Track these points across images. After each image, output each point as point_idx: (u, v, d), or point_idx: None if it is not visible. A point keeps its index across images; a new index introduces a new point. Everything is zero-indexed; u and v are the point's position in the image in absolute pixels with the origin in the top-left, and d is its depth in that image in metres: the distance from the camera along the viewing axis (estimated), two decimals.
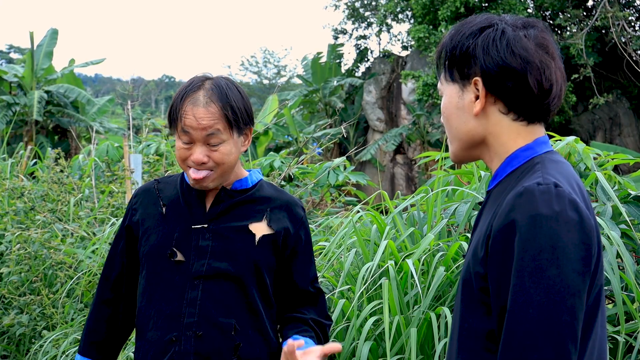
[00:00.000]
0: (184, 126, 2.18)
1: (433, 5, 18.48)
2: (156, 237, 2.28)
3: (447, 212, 3.84)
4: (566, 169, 1.57)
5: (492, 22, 1.63)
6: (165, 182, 2.41)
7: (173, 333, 2.19)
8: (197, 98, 2.19)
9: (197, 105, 2.17)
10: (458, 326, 1.60)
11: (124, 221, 2.41)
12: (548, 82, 1.59)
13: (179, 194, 2.34)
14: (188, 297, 2.21)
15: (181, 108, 2.19)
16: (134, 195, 2.42)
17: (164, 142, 7.55)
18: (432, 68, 17.99)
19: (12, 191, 5.86)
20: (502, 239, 1.47)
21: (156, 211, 2.33)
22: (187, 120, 2.17)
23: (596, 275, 1.49)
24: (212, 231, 2.25)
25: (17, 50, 47.18)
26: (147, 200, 2.37)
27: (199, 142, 2.18)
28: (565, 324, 1.39)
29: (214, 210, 2.28)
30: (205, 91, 2.20)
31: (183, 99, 2.20)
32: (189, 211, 2.29)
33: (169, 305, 2.22)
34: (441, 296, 3.42)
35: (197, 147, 2.19)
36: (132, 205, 2.39)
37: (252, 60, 46.87)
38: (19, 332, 4.76)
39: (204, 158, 2.18)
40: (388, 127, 22.20)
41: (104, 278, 2.42)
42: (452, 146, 1.71)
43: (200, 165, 2.19)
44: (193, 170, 2.21)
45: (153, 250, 2.27)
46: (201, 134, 2.17)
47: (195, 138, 2.18)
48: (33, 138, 20.42)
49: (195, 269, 2.22)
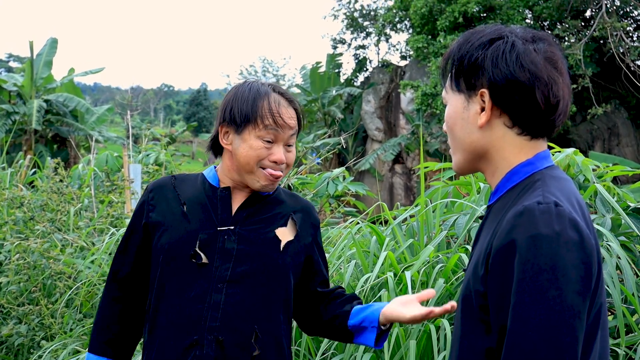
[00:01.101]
0: (274, 125, 2.19)
1: (432, 15, 18.54)
2: (178, 235, 2.21)
3: (447, 224, 3.84)
4: (566, 186, 1.56)
5: (502, 34, 1.61)
6: (183, 180, 2.35)
7: (194, 336, 2.14)
8: (279, 99, 2.22)
9: (283, 105, 2.21)
10: (458, 343, 1.59)
11: (139, 216, 2.31)
12: (555, 98, 1.57)
13: (203, 193, 2.28)
14: (211, 300, 2.15)
15: (269, 106, 2.20)
16: (149, 189, 2.34)
17: (163, 152, 7.56)
18: (430, 78, 18.03)
19: (12, 201, 5.85)
20: (502, 258, 1.46)
21: (176, 208, 2.26)
22: (282, 119, 2.19)
23: (596, 294, 1.48)
24: (238, 234, 2.22)
25: (16, 59, 47.27)
26: (164, 196, 2.30)
27: (281, 142, 2.21)
28: (566, 345, 1.38)
29: (241, 213, 2.25)
30: (279, 94, 2.25)
31: (266, 98, 2.21)
32: (215, 212, 2.24)
33: (189, 307, 2.16)
34: None
35: (278, 146, 2.21)
36: (149, 200, 2.31)
37: (250, 69, 46.96)
38: (18, 342, 4.74)
39: (284, 158, 2.21)
40: (387, 136, 22.23)
41: (112, 275, 2.34)
42: (456, 157, 1.70)
43: (279, 165, 2.21)
44: (270, 170, 2.21)
45: (173, 248, 2.20)
46: (288, 133, 2.21)
47: (280, 137, 2.20)
48: (32, 147, 20.42)
49: (220, 272, 2.17)
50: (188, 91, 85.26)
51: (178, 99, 79.99)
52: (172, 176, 2.37)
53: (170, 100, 77.93)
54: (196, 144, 44.85)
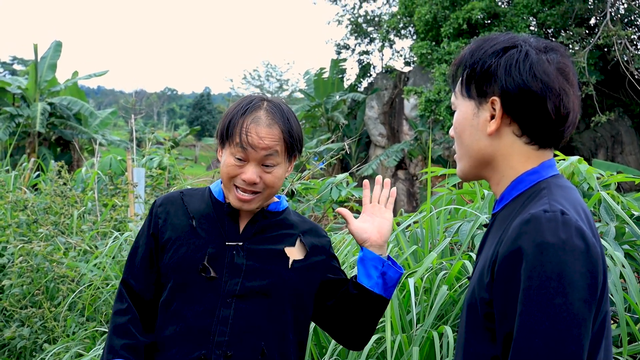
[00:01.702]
0: (244, 143, 2.14)
1: (436, 21, 18.56)
2: (186, 250, 2.21)
3: (450, 231, 3.84)
4: (572, 195, 1.56)
5: (516, 42, 1.61)
6: (190, 195, 2.35)
7: (202, 351, 2.12)
8: (259, 117, 2.16)
9: (260, 124, 2.15)
10: (462, 350, 1.59)
11: (148, 229, 2.31)
12: (565, 110, 1.58)
13: (209, 208, 2.28)
14: (220, 315, 2.14)
15: (242, 124, 2.15)
16: (158, 204, 2.34)
17: (167, 156, 7.56)
18: (434, 84, 18.02)
19: (15, 203, 5.86)
20: (508, 266, 1.46)
21: (185, 223, 2.26)
22: (249, 137, 2.14)
23: (602, 303, 1.48)
24: (246, 250, 2.21)
25: (20, 61, 47.40)
26: (173, 210, 2.30)
27: (254, 162, 2.16)
28: (571, 353, 1.37)
29: (249, 230, 2.24)
30: (266, 112, 2.18)
31: (243, 115, 2.17)
32: (222, 227, 2.24)
33: (198, 321, 2.15)
34: (444, 315, 3.41)
35: (250, 166, 2.16)
36: (157, 213, 2.31)
37: (254, 74, 46.96)
38: (20, 345, 4.74)
39: (256, 178, 2.16)
40: (390, 142, 22.24)
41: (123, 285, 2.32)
42: (461, 163, 1.70)
43: (251, 185, 2.17)
44: (239, 192, 2.18)
45: (182, 262, 2.19)
46: (260, 153, 2.15)
47: (252, 157, 2.15)
48: (36, 150, 20.45)
49: (229, 287, 2.16)
50: (191, 95, 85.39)
51: (181, 102, 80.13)
52: (180, 191, 2.37)
53: (173, 104, 78.06)
54: (199, 148, 44.89)
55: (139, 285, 2.29)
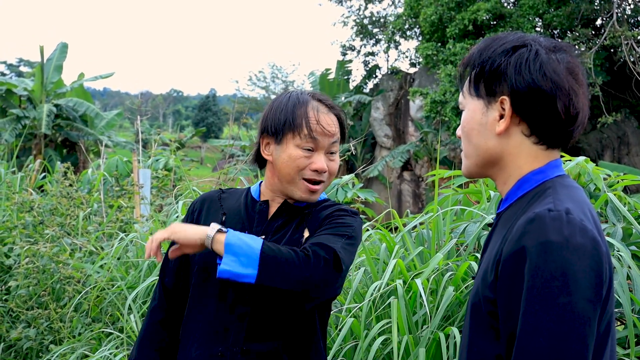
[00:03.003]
0: (315, 133, 2.14)
1: (441, 22, 18.53)
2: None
3: (457, 232, 3.83)
4: (578, 195, 1.55)
5: (525, 41, 1.60)
6: (229, 193, 2.36)
7: (219, 347, 2.13)
8: (319, 107, 2.18)
9: (322, 112, 2.17)
10: (466, 350, 1.58)
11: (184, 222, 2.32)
12: (575, 109, 1.57)
13: (241, 206, 2.29)
14: (237, 311, 2.15)
15: (308, 114, 2.16)
16: (197, 200, 2.36)
17: (172, 157, 7.56)
18: (440, 85, 18.01)
19: (21, 205, 5.87)
20: (512, 265, 1.45)
21: (216, 220, 2.26)
22: (318, 126, 2.15)
23: (607, 303, 1.48)
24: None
25: (27, 63, 47.54)
26: (209, 208, 2.31)
27: (322, 150, 2.17)
28: (575, 353, 1.37)
29: (273, 224, 2.23)
30: (319, 101, 2.20)
31: (303, 106, 2.17)
32: (250, 225, 2.24)
33: (217, 317, 2.16)
34: (450, 316, 3.40)
35: (319, 155, 2.17)
36: (193, 210, 2.34)
37: (260, 76, 46.89)
38: (27, 346, 4.75)
39: (325, 166, 2.17)
40: (395, 143, 22.22)
41: (160, 282, 2.35)
42: (468, 161, 1.69)
43: (320, 174, 2.17)
44: (309, 184, 2.17)
45: (206, 259, 2.20)
46: (329, 140, 2.17)
47: (321, 145, 2.16)
48: (42, 151, 20.50)
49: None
50: (197, 96, 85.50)
51: (187, 104, 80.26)
52: (220, 190, 2.38)
53: (179, 105, 78.17)
54: (205, 149, 44.92)
55: (168, 279, 2.33)
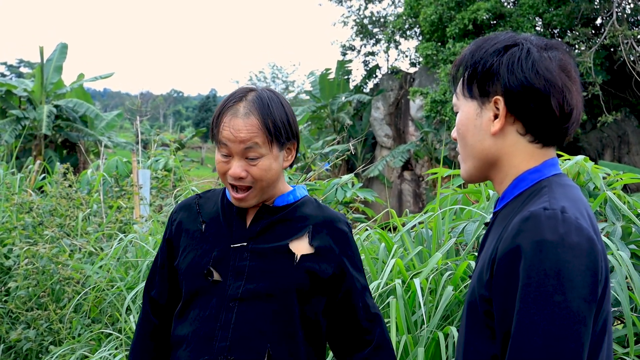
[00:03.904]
0: (222, 138, 2.10)
1: (441, 22, 18.54)
2: (194, 255, 2.19)
3: (456, 231, 3.83)
4: (574, 193, 1.55)
5: (517, 41, 1.60)
6: (207, 198, 2.33)
7: (205, 357, 2.10)
8: (237, 109, 2.10)
9: (236, 116, 2.09)
10: (463, 349, 1.58)
11: (165, 235, 2.32)
12: (569, 107, 1.57)
13: (219, 210, 2.25)
14: (222, 319, 2.11)
15: (220, 119, 2.12)
16: (175, 210, 2.34)
17: (172, 158, 7.56)
18: (440, 85, 18.02)
19: (21, 206, 5.87)
20: (507, 263, 1.45)
21: (196, 228, 2.24)
22: (224, 132, 2.09)
23: (603, 302, 1.47)
24: (250, 250, 2.16)
25: (27, 64, 47.53)
26: (188, 216, 2.29)
27: (237, 156, 2.10)
28: (570, 352, 1.36)
29: (253, 228, 2.18)
30: (246, 103, 2.11)
31: (223, 110, 2.12)
32: (229, 229, 2.20)
33: (203, 326, 2.13)
34: (449, 315, 3.40)
35: (235, 160, 2.11)
36: (172, 219, 2.31)
37: (260, 76, 46.99)
38: (26, 347, 4.75)
39: (242, 172, 2.10)
40: (396, 143, 22.22)
41: (145, 294, 2.35)
42: (466, 165, 1.69)
43: (239, 180, 2.11)
44: (234, 192, 2.14)
45: (190, 268, 2.18)
46: (239, 147, 2.08)
47: (233, 151, 2.10)
48: (42, 152, 20.50)
49: (232, 290, 2.12)
50: (197, 97, 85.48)
51: (187, 104, 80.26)
52: (197, 195, 2.35)
53: (179, 106, 78.19)
54: (205, 150, 44.93)
55: (156, 291, 2.32)
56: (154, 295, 2.32)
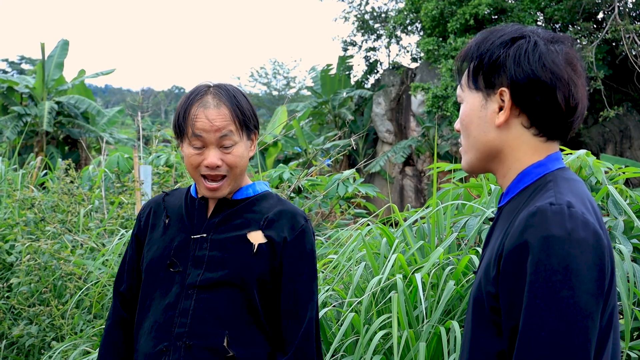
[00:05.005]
0: (196, 130, 2.15)
1: (442, 17, 18.51)
2: (156, 248, 2.28)
3: (457, 226, 3.83)
4: (579, 188, 1.55)
5: (524, 33, 1.59)
6: (173, 195, 2.41)
7: (164, 343, 2.17)
8: (207, 101, 2.18)
9: (208, 107, 2.16)
10: (468, 345, 1.58)
11: (133, 231, 2.42)
12: (574, 100, 1.56)
13: (182, 205, 2.34)
14: (181, 307, 2.18)
15: (191, 112, 2.17)
16: (144, 207, 2.43)
17: (173, 154, 7.56)
18: (441, 80, 17.98)
19: (23, 202, 5.87)
20: (514, 259, 1.45)
21: (161, 223, 2.33)
22: (199, 123, 2.15)
23: (609, 296, 1.47)
24: (210, 241, 2.23)
25: (28, 61, 47.50)
26: (155, 212, 2.38)
27: (212, 145, 2.17)
28: (578, 347, 1.36)
29: (213, 220, 2.26)
30: (212, 95, 2.19)
31: (190, 104, 2.19)
32: (191, 222, 2.28)
33: (162, 315, 2.20)
34: (451, 310, 3.40)
35: (210, 150, 2.17)
36: (141, 216, 2.40)
37: (261, 72, 46.90)
38: (28, 342, 4.76)
39: (218, 161, 2.16)
40: (397, 138, 22.20)
41: (115, 290, 2.43)
42: (468, 156, 1.68)
43: (215, 169, 2.17)
44: (207, 182, 2.20)
45: (153, 261, 2.27)
46: (215, 135, 2.16)
47: (208, 141, 2.16)
48: (43, 148, 20.50)
49: (190, 278, 2.20)
50: None
51: None
52: (164, 193, 2.43)
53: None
54: None
55: (124, 286, 2.40)
56: (122, 290, 2.39)
